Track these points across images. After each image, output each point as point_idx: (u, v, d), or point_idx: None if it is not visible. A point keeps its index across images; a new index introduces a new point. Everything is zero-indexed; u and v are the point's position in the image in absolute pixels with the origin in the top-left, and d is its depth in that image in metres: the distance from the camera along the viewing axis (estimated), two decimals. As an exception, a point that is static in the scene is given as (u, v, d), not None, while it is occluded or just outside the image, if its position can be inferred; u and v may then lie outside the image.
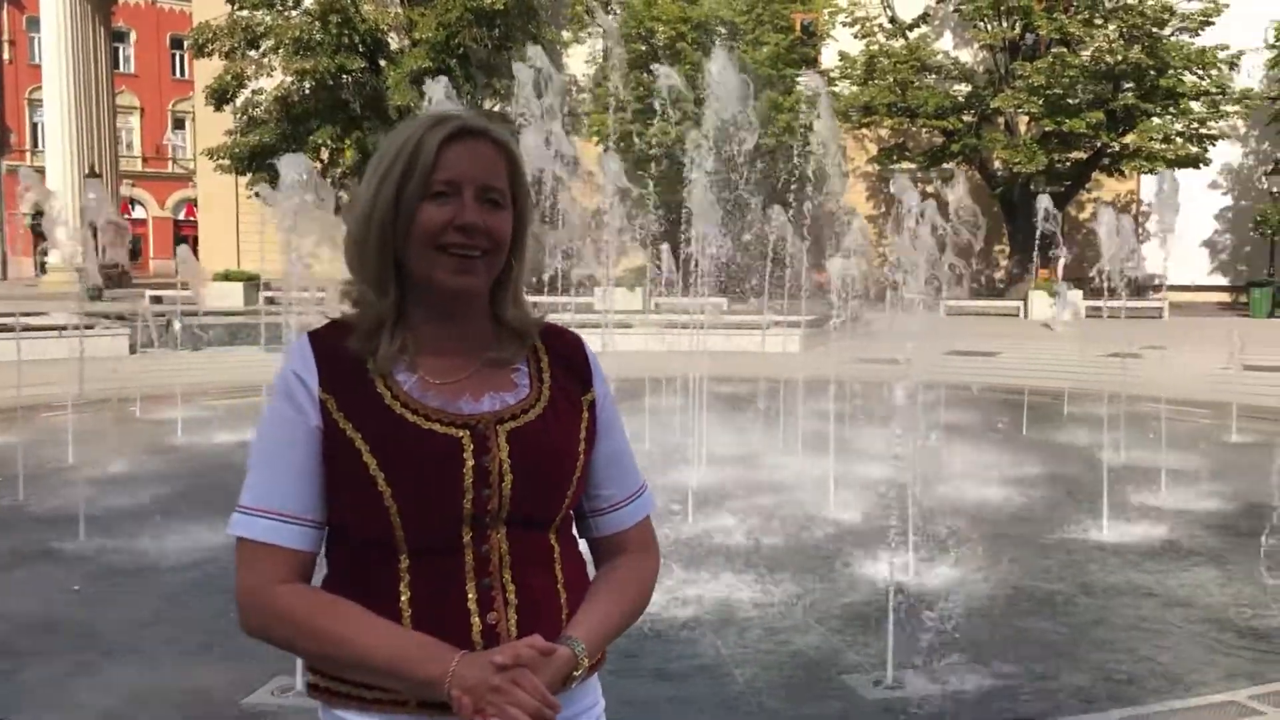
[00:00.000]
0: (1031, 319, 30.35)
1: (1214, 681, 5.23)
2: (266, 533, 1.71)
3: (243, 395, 14.16)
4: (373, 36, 35.58)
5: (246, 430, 11.33)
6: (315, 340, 1.77)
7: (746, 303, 17.93)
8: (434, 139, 1.72)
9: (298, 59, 34.04)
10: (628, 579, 1.89)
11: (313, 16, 33.96)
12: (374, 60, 35.88)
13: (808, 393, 11.07)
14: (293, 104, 35.19)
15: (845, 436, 9.45)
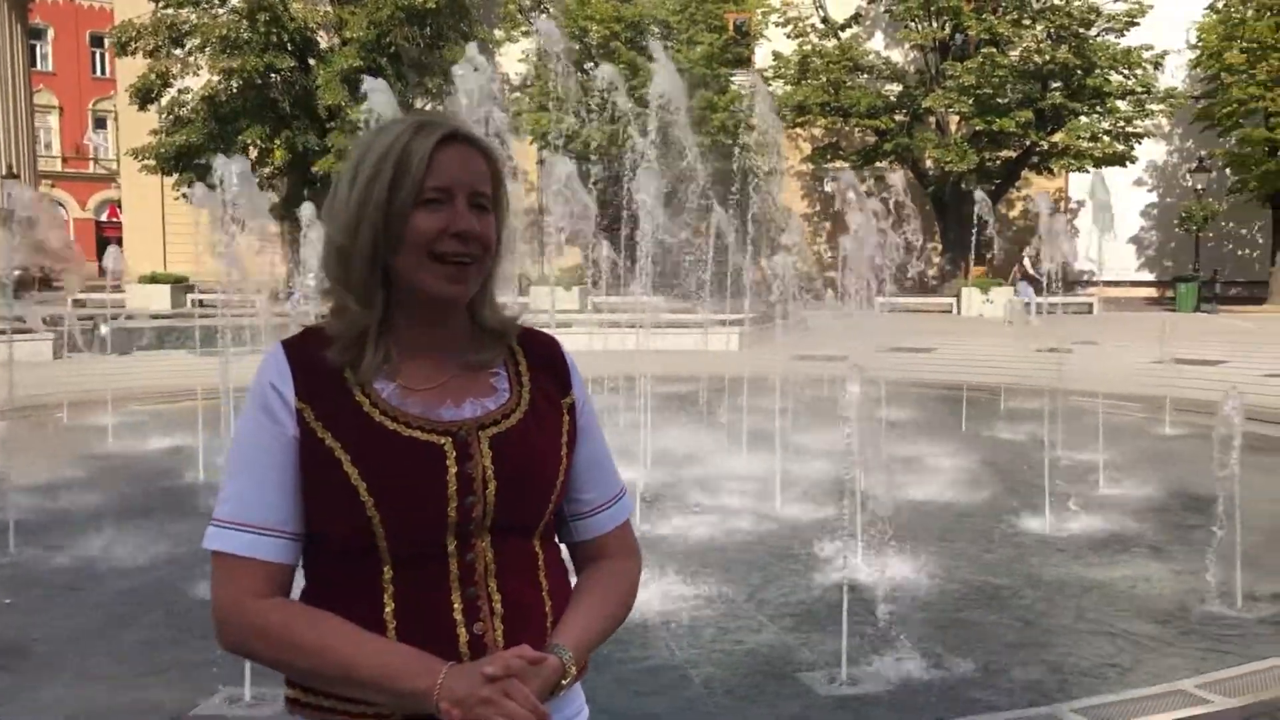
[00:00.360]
0: (965, 315, 30.70)
1: (1161, 671, 5.28)
2: (244, 546, 1.66)
3: (174, 400, 13.90)
4: (302, 35, 35.11)
5: (180, 436, 11.12)
6: (290, 349, 1.72)
7: (686, 301, 17.95)
8: (424, 145, 1.67)
9: (225, 58, 33.48)
10: (611, 584, 1.86)
11: (240, 15, 33.43)
12: (303, 59, 35.42)
13: (749, 391, 11.07)
14: (220, 103, 34.59)
15: (788, 434, 9.46)
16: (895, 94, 36.72)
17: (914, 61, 38.70)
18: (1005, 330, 21.33)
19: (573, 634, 1.74)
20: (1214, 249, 38.21)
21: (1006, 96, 33.43)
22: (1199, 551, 7.25)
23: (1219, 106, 34.40)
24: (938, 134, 36.07)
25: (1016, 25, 34.09)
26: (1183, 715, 4.71)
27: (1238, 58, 32.83)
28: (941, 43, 36.29)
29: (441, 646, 1.63)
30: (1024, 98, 33.44)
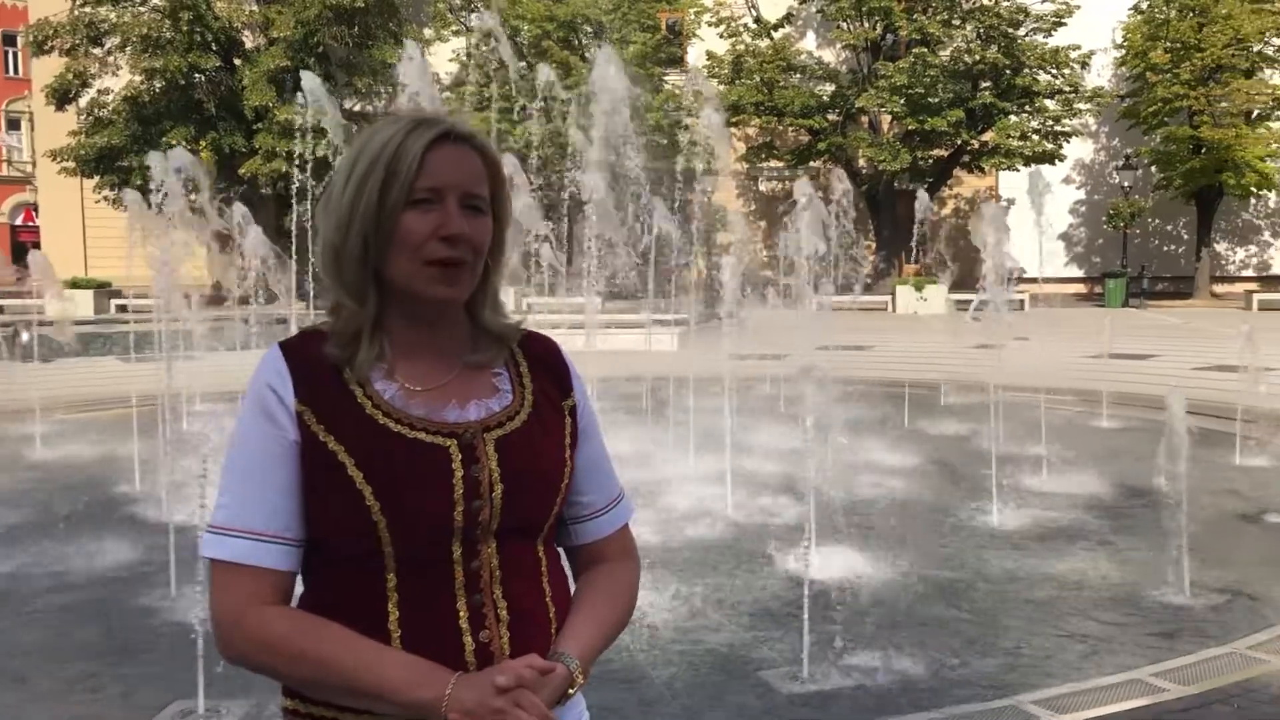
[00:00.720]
0: (900, 313, 30.97)
1: (1116, 661, 5.32)
2: (244, 553, 1.61)
3: (103, 408, 13.58)
4: (227, 35, 34.54)
5: (112, 445, 10.84)
6: (288, 350, 1.68)
7: (624, 301, 17.89)
8: (417, 144, 1.64)
9: (146, 57, 32.85)
10: (613, 589, 1.83)
11: (162, 13, 32.79)
12: (228, 59, 34.86)
13: (690, 390, 11.02)
14: (143, 104, 33.91)
15: (734, 434, 9.42)
16: (828, 94, 36.95)
17: (846, 61, 38.97)
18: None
19: (579, 641, 1.71)
20: (1141, 245, 38.95)
21: (938, 96, 33.76)
22: (1144, 542, 7.38)
23: (1144, 105, 35.06)
24: (870, 133, 36.37)
25: (947, 25, 34.46)
26: (1141, 704, 4.75)
27: (1162, 57, 33.48)
28: (873, 43, 36.57)
29: (447, 655, 1.60)
30: (955, 97, 33.81)
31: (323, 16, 33.26)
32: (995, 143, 34.81)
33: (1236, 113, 33.38)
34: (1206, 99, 33.16)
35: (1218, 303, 35.09)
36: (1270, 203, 40.92)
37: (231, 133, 33.96)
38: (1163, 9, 34.47)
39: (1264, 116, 34.43)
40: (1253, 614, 5.98)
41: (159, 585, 6.31)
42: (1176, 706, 4.70)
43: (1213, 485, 8.78)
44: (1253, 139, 33.02)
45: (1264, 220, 41.90)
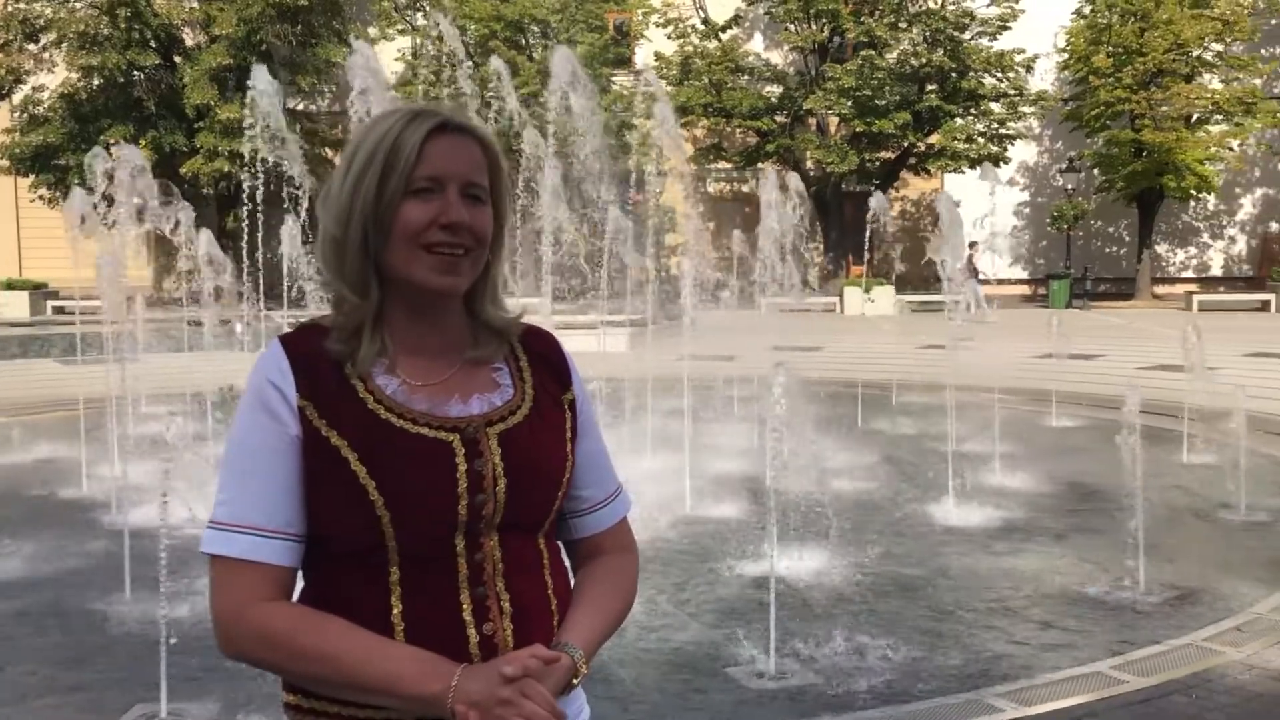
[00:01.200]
0: (848, 314, 31.17)
1: (1075, 654, 5.38)
2: (246, 549, 1.60)
3: (41, 411, 13.35)
4: (166, 32, 34.09)
5: (56, 448, 10.65)
6: (289, 345, 1.67)
7: (576, 302, 17.84)
8: (415, 134, 1.64)
9: (84, 54, 32.31)
10: (613, 581, 1.83)
11: (99, 9, 32.28)
12: (168, 56, 34.39)
13: (642, 391, 11.01)
14: (80, 102, 33.39)
15: (689, 434, 9.43)
16: (776, 95, 37.08)
17: (794, 63, 39.13)
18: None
19: (581, 633, 1.71)
20: (1084, 247, 39.45)
21: (885, 98, 33.96)
22: (1098, 538, 7.48)
23: (1087, 109, 35.49)
24: (818, 135, 36.53)
25: (893, 28, 34.68)
26: (1102, 696, 4.81)
27: (1104, 61, 33.91)
28: (820, 45, 36.73)
29: (451, 648, 1.59)
30: (902, 100, 34.02)
31: (265, 14, 32.93)
32: (941, 145, 35.06)
33: (1177, 116, 33.88)
34: (1148, 103, 33.63)
35: (1159, 304, 35.64)
36: (1209, 205, 41.63)
37: (172, 131, 33.54)
38: (1105, 14, 34.91)
39: (1203, 120, 34.98)
40: (1206, 607, 6.08)
41: (114, 589, 6.21)
42: (1136, 698, 4.78)
43: (1162, 482, 8.91)
44: (1192, 142, 33.54)
45: (1203, 222, 42.62)
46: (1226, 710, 4.63)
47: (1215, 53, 35.27)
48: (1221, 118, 34.68)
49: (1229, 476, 8.45)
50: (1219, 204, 41.56)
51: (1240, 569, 6.81)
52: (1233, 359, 16.51)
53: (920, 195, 40.84)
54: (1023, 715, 4.61)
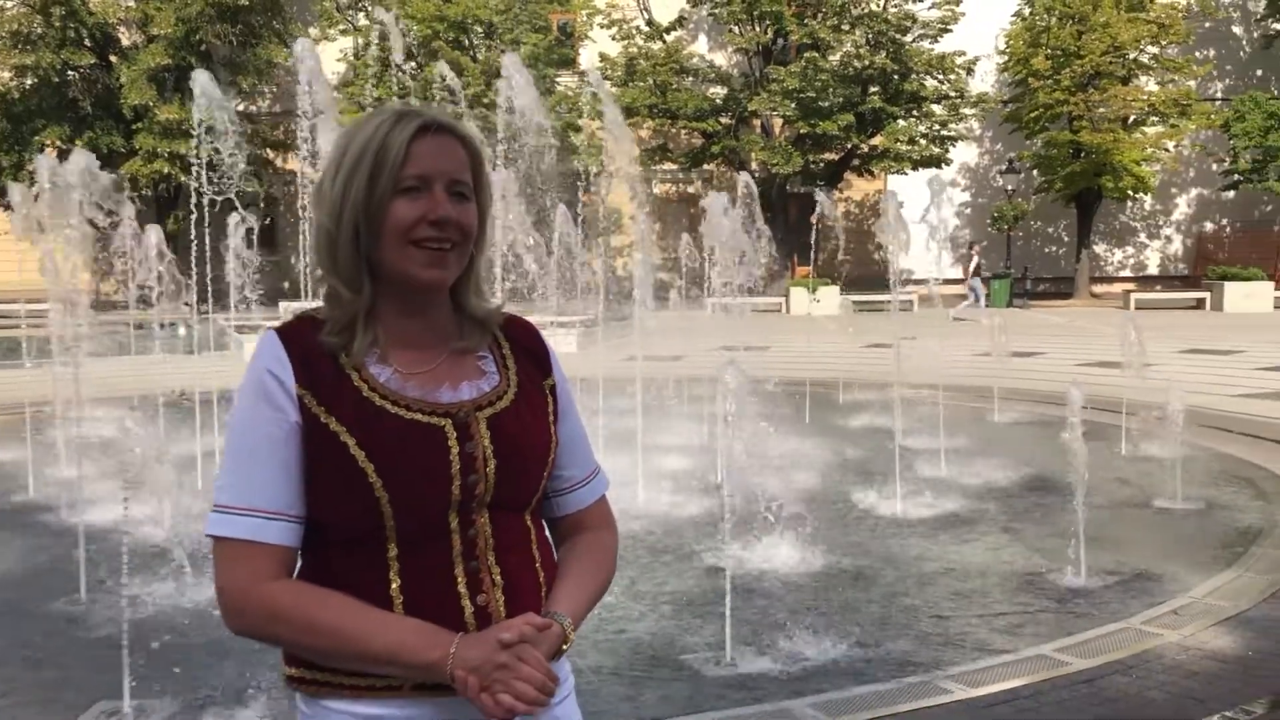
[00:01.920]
0: (794, 314, 31.42)
1: (1021, 638, 5.54)
2: (251, 530, 1.69)
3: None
4: (102, 31, 33.66)
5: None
6: (285, 336, 1.75)
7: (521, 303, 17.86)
8: (402, 135, 1.72)
9: (16, 53, 31.89)
10: (595, 556, 1.94)
11: (32, 8, 31.83)
12: (104, 56, 33.95)
13: (592, 390, 11.09)
14: (13, 102, 32.91)
15: (640, 431, 9.52)
16: (721, 97, 37.28)
17: (738, 65, 39.37)
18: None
19: (568, 603, 1.81)
20: (1023, 247, 40.07)
21: (828, 100, 34.25)
22: (1041, 528, 7.68)
23: (1026, 110, 36.03)
24: (763, 136, 36.78)
25: (837, 30, 34.98)
26: (1047, 676, 4.97)
27: (1043, 63, 34.45)
28: (764, 47, 36.98)
29: (448, 618, 1.69)
30: (845, 101, 34.33)
31: (204, 14, 32.62)
32: (885, 146, 35.42)
33: (1114, 118, 34.50)
34: (1086, 104, 34.21)
35: (1097, 302, 36.26)
36: (1146, 206, 42.42)
37: (109, 132, 33.15)
38: (1044, 17, 35.47)
39: (1140, 122, 35.65)
40: (1144, 593, 6.26)
41: (68, 590, 6.21)
42: (1080, 678, 4.93)
43: (1103, 475, 9.11)
44: (1129, 143, 34.17)
45: (1140, 222, 43.42)
46: (1165, 688, 4.79)
47: (1151, 55, 35.96)
48: (1157, 119, 35.38)
49: (1166, 469, 8.69)
50: (1155, 204, 42.39)
51: (1178, 556, 7.02)
52: (1170, 356, 16.92)
53: (864, 196, 41.24)
54: (971, 696, 4.74)
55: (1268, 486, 8.79)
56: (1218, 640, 5.36)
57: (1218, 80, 42.14)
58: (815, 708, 4.61)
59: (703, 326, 14.62)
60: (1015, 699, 4.71)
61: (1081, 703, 4.65)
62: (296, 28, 36.07)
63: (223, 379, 12.06)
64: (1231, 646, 5.28)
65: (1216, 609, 5.83)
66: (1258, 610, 5.81)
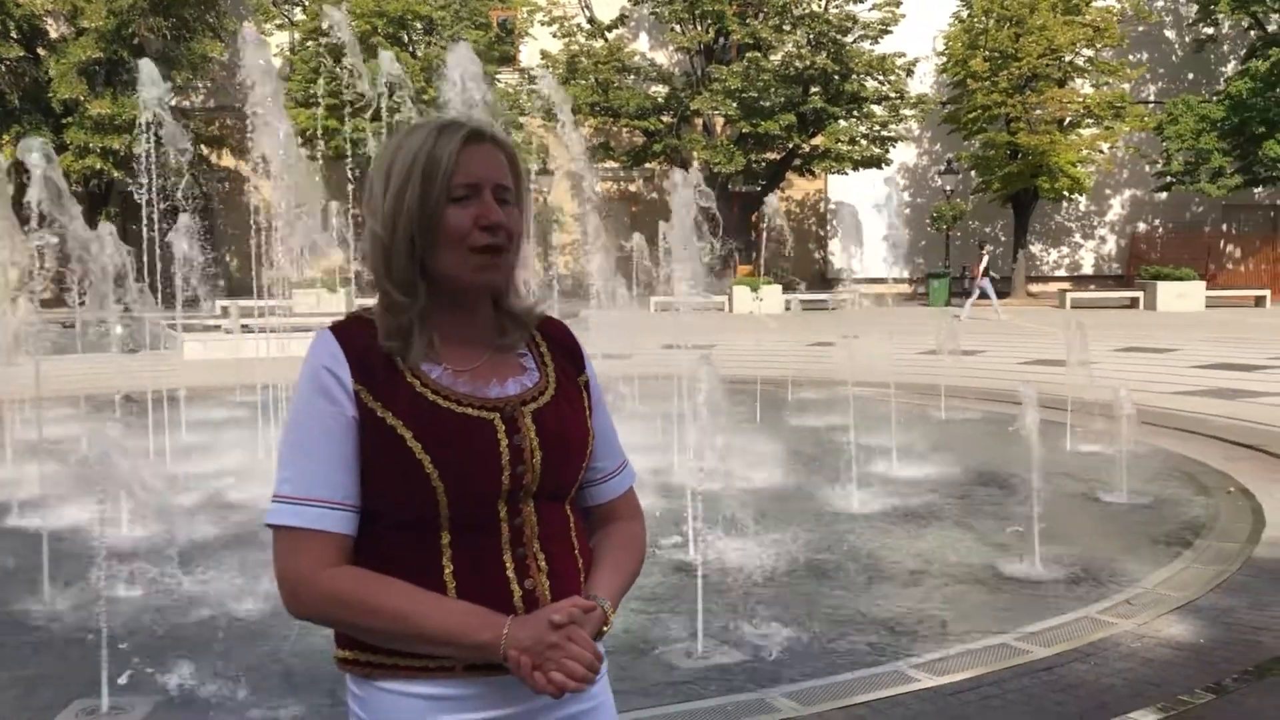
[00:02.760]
0: (737, 313, 31.60)
1: (982, 628, 5.69)
2: (314, 520, 1.77)
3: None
4: (30, 23, 33.08)
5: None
6: (340, 334, 1.84)
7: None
8: (450, 145, 1.82)
9: (-62, 46, 31.30)
10: (628, 544, 2.04)
11: (-46, -1, 31.29)
12: (32, 49, 33.35)
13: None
14: (-64, 94, 32.34)
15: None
16: (662, 95, 37.42)
17: (679, 64, 39.53)
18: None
19: (607, 587, 1.92)
20: (962, 246, 40.61)
21: (770, 100, 34.53)
22: (995, 521, 7.85)
23: (964, 111, 36.56)
24: (705, 135, 36.97)
25: (778, 30, 35.26)
26: (1010, 665, 5.11)
27: (981, 65, 34.97)
28: (706, 46, 37.18)
29: (498, 602, 1.79)
30: (786, 101, 34.63)
31: (137, 6, 32.16)
32: (826, 146, 35.79)
33: (1050, 120, 35.12)
34: (1023, 106, 34.79)
35: (1034, 301, 36.91)
36: (1081, 206, 43.24)
37: (38, 127, 32.48)
38: (981, 19, 36.02)
39: (1075, 124, 36.32)
40: (1098, 583, 6.44)
41: (33, 590, 6.16)
42: (1040, 665, 5.08)
43: (1049, 470, 9.32)
44: (1065, 145, 34.80)
45: (1075, 223, 44.25)
46: (1122, 675, 4.95)
47: (1086, 58, 36.65)
48: (1092, 121, 36.06)
49: (1113, 464, 8.92)
50: (1090, 205, 43.23)
51: (1127, 548, 7.21)
52: (1106, 354, 17.29)
53: (804, 196, 41.60)
54: (938, 684, 4.87)
55: (1208, 481, 9.05)
56: (1170, 628, 5.54)
57: (1150, 83, 43.09)
58: (789, 696, 4.71)
59: (647, 325, 14.72)
60: (979, 686, 4.84)
61: (1043, 689, 4.79)
62: (231, 21, 35.72)
63: (164, 379, 11.99)
64: (1183, 634, 5.45)
65: (1167, 598, 6.02)
66: (1205, 599, 6.00)
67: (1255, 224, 43.74)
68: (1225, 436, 10.81)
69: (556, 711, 1.83)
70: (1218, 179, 35.54)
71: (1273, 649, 5.25)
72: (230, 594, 6.25)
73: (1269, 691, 4.78)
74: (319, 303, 21.41)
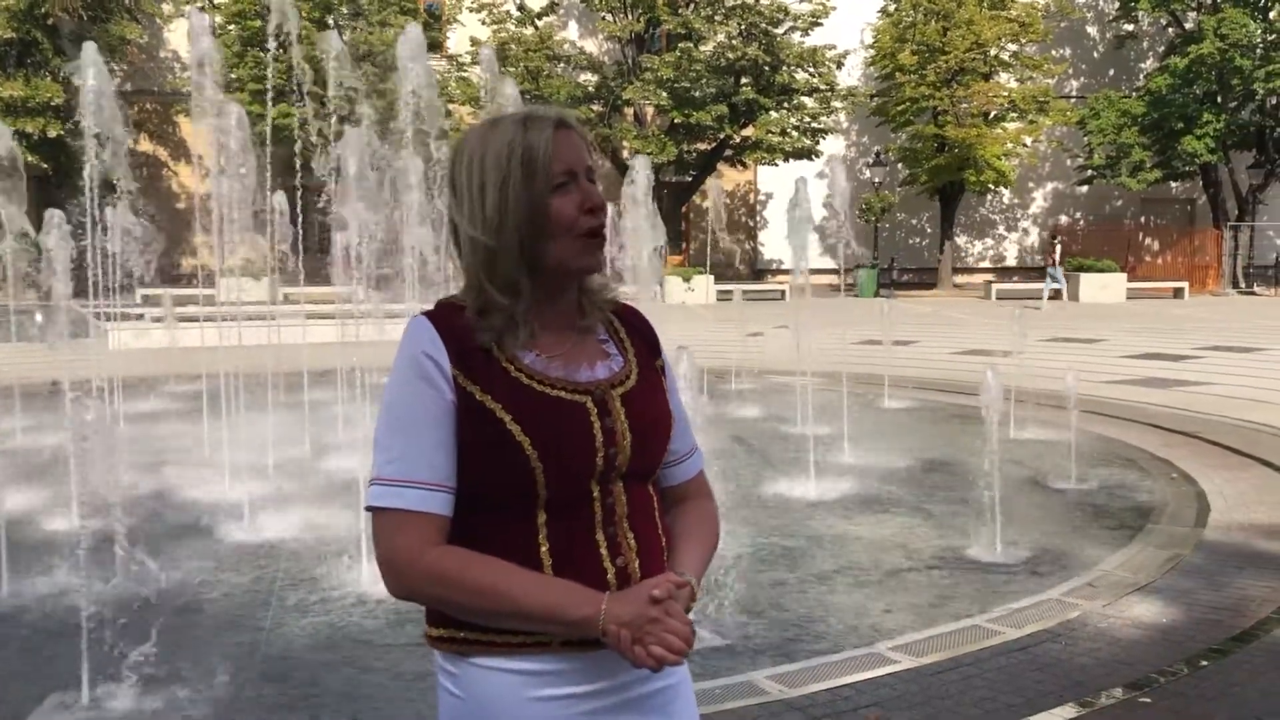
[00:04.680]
0: (668, 303, 31.64)
1: (953, 610, 5.82)
2: (417, 502, 1.80)
3: None
4: (-65, 0, 32.15)
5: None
6: (436, 320, 1.86)
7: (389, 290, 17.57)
8: (543, 135, 1.84)
9: None
10: (706, 523, 2.08)
11: None
12: (-62, 27, 32.43)
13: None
14: None
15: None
16: (593, 84, 37.33)
17: (610, 53, 39.46)
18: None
19: (692, 564, 1.96)
20: (889, 238, 41.13)
21: (701, 90, 34.63)
22: (950, 507, 8.01)
23: (893, 104, 36.99)
24: (636, 125, 36.96)
25: (710, 21, 35.33)
26: (984, 645, 5.24)
27: (909, 59, 35.39)
28: (637, 35, 37.15)
29: (593, 579, 1.82)
30: (718, 92, 34.74)
31: (51, -14, 31.40)
32: (757, 138, 35.96)
33: (976, 113, 35.65)
34: (950, 99, 35.26)
35: (959, 293, 37.50)
36: (1005, 199, 44.00)
37: (-50, 111, 31.65)
38: (910, 13, 36.44)
39: (1000, 117, 36.91)
40: (1057, 566, 6.61)
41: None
42: (1014, 646, 5.21)
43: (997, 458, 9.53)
44: (990, 138, 35.34)
45: (999, 215, 45.02)
46: (1093, 654, 5.09)
47: (1011, 53, 37.25)
48: (1016, 115, 36.67)
49: (1057, 451, 9.14)
50: (1013, 198, 44.00)
51: (1082, 532, 7.42)
52: (1035, 344, 17.61)
53: (735, 187, 41.80)
54: (916, 665, 4.97)
55: (1150, 467, 9.31)
56: (1132, 609, 5.70)
57: (1073, 79, 43.95)
58: (773, 679, 4.78)
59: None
60: (958, 666, 4.95)
61: (1019, 669, 4.92)
62: (148, 3, 35.03)
63: (88, 369, 11.73)
64: (1146, 614, 5.62)
65: (1126, 580, 6.19)
66: (1163, 581, 6.19)
67: (1172, 217, 44.85)
68: (1161, 424, 11.13)
69: (647, 685, 1.86)
70: (1138, 173, 36.35)
71: (1233, 626, 5.43)
72: (201, 584, 6.20)
73: (1237, 667, 4.95)
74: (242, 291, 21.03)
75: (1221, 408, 12.06)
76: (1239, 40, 34.43)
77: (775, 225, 40.23)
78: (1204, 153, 35.41)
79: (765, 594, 6.05)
